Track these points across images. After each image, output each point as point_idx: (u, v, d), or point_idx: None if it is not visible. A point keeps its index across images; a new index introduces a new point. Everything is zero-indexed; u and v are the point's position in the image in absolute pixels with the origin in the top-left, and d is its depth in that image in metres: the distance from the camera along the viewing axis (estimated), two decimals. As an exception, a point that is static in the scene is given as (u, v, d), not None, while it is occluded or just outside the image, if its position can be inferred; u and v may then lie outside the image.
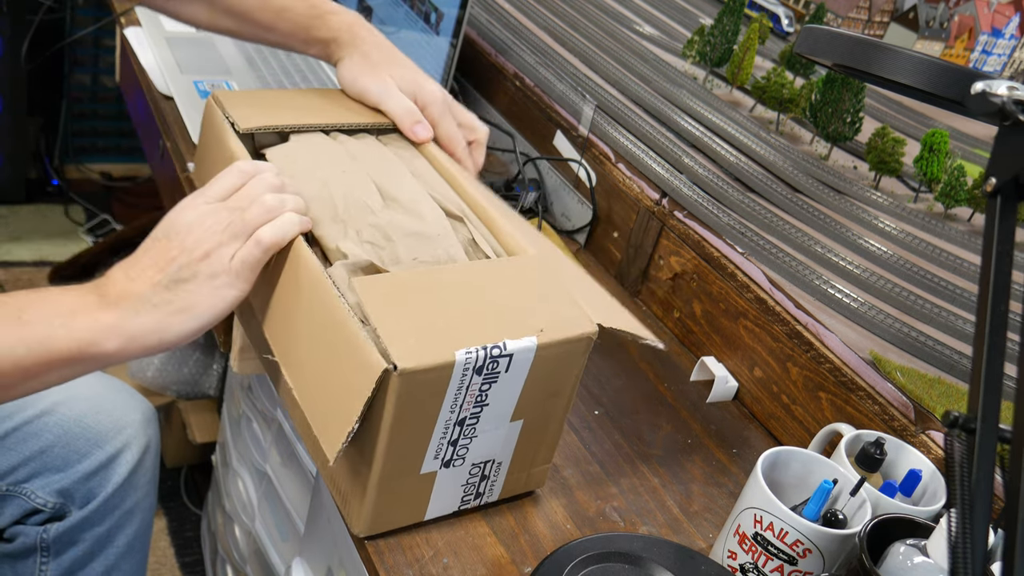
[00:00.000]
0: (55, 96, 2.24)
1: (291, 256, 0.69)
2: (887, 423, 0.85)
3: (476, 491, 0.74)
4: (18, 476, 0.92)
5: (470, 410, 0.66)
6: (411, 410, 0.63)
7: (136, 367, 1.66)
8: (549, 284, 0.72)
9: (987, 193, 0.45)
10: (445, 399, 0.64)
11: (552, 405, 0.72)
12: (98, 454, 0.94)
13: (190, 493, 1.73)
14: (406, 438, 0.65)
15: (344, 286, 0.66)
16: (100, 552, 0.97)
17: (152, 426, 1.00)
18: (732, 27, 1.19)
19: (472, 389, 0.64)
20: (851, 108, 1.02)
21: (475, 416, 0.67)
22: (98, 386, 0.99)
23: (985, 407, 0.42)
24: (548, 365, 0.68)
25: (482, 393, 0.65)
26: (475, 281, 0.71)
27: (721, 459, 0.91)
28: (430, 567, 0.70)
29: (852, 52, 0.54)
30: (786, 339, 0.94)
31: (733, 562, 0.74)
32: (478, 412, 0.67)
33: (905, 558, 0.64)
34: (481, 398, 0.66)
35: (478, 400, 0.66)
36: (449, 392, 0.63)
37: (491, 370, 0.64)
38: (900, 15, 0.98)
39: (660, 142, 1.17)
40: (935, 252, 0.96)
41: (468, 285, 0.70)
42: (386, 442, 0.64)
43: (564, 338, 0.68)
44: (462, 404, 0.65)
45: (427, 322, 0.64)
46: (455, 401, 0.64)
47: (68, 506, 0.94)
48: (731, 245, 1.02)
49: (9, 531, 0.95)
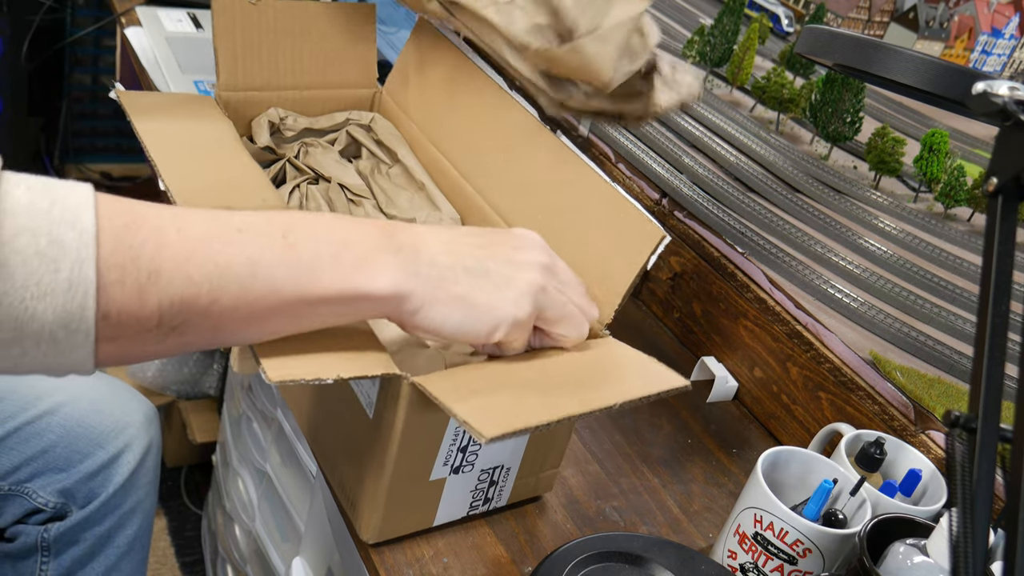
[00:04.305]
0: (55, 96, 2.24)
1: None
2: (887, 423, 0.85)
3: (485, 496, 0.74)
4: (20, 476, 0.92)
5: None
6: (422, 418, 0.63)
7: (136, 367, 1.66)
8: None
9: (988, 193, 0.46)
10: None
11: None
12: (100, 454, 0.94)
13: (190, 493, 1.73)
14: (416, 445, 0.65)
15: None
16: (100, 552, 0.97)
17: (154, 426, 1.00)
18: (732, 27, 1.19)
19: None
20: (851, 108, 1.02)
21: None
22: (100, 387, 0.99)
23: (986, 406, 0.42)
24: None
25: None
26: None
27: (721, 459, 0.91)
28: (430, 567, 0.70)
29: (853, 52, 0.54)
30: (786, 339, 0.94)
31: (733, 562, 0.74)
32: None
33: (905, 558, 0.64)
34: None
35: None
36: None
37: None
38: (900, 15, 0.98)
39: (660, 142, 1.17)
40: (935, 252, 0.96)
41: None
42: (396, 449, 0.63)
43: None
44: None
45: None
46: None
47: (69, 506, 0.94)
48: (731, 245, 1.02)
49: (10, 530, 0.95)
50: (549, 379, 0.63)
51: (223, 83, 0.88)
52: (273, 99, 0.93)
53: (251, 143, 0.91)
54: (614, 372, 0.65)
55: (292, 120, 0.93)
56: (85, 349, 0.49)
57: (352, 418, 0.69)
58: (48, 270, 0.47)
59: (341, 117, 0.97)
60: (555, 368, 0.64)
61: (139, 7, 1.36)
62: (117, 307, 0.49)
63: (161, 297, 0.50)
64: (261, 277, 0.53)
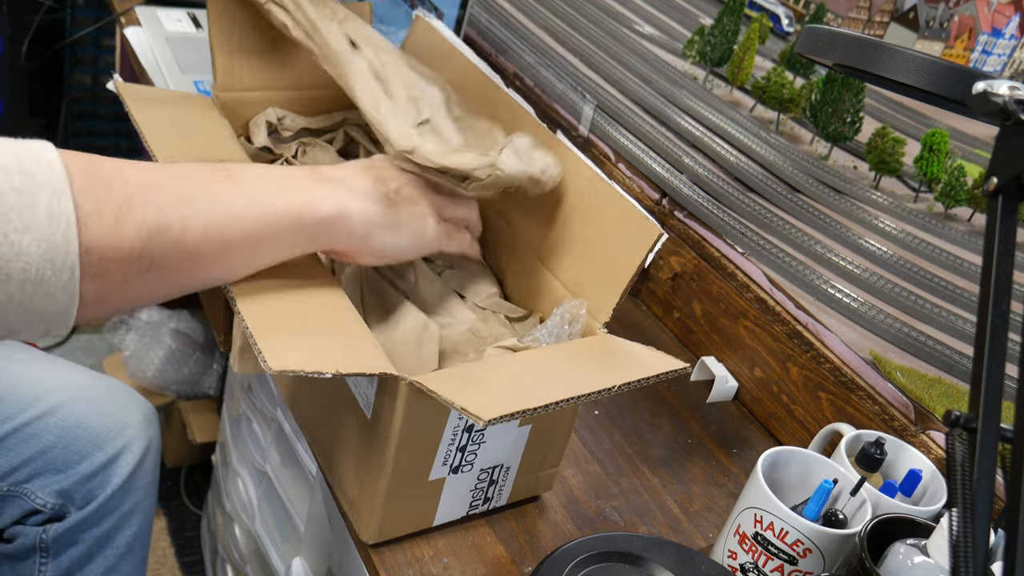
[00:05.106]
0: (55, 96, 2.24)
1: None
2: (887, 423, 0.85)
3: (484, 496, 0.74)
4: (19, 477, 0.92)
5: None
6: (420, 417, 0.63)
7: (136, 367, 1.66)
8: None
9: (988, 193, 0.45)
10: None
11: (561, 409, 0.72)
12: (99, 455, 0.94)
13: (190, 493, 1.73)
14: (415, 445, 0.65)
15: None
16: (99, 553, 0.96)
17: (153, 427, 1.00)
18: (732, 27, 1.19)
19: None
20: (851, 108, 1.02)
21: None
22: (99, 387, 0.99)
23: (986, 406, 0.41)
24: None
25: None
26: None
27: (721, 459, 0.91)
28: (430, 567, 0.70)
29: (853, 52, 0.54)
30: (786, 339, 0.94)
31: (733, 562, 0.73)
32: None
33: (905, 558, 0.64)
34: None
35: None
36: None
37: None
38: (900, 15, 0.98)
39: (660, 142, 1.17)
40: (935, 252, 0.96)
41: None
42: (395, 449, 0.63)
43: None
44: None
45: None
46: None
47: (68, 507, 0.94)
48: (731, 245, 1.02)
49: (9, 531, 0.95)
50: (546, 371, 0.64)
51: (220, 83, 0.88)
52: (270, 99, 0.93)
53: (248, 143, 0.91)
54: (611, 360, 0.66)
55: (290, 120, 0.93)
56: (70, 290, 0.50)
57: (350, 418, 0.69)
58: (27, 204, 0.48)
59: (339, 116, 0.97)
60: (552, 362, 0.65)
61: (139, 7, 1.36)
62: (98, 239, 0.51)
63: (139, 227, 0.53)
64: (223, 205, 0.58)
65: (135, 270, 0.53)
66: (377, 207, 0.66)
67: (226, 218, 0.58)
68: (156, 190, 0.55)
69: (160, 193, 0.55)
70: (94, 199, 0.51)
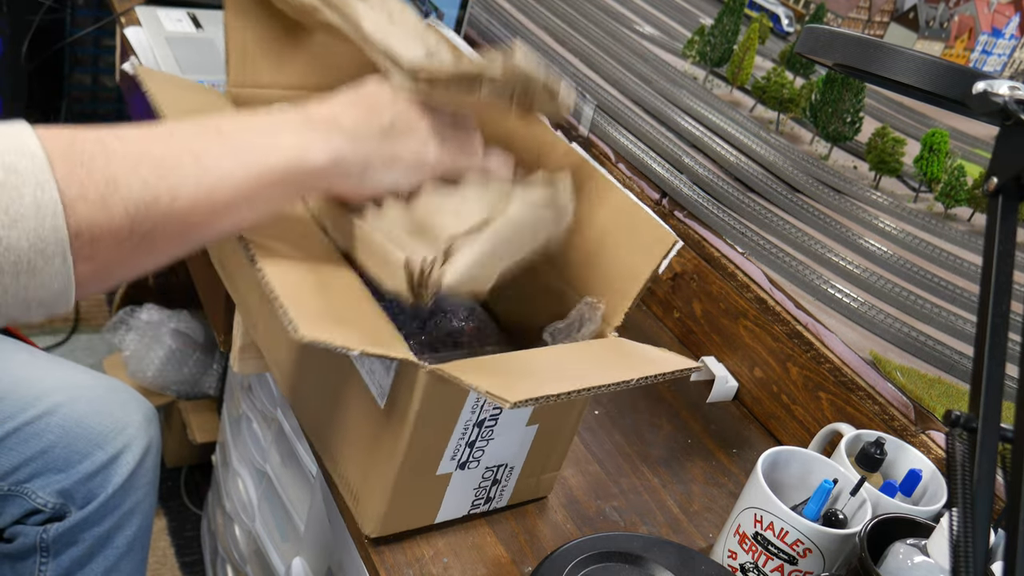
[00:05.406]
0: (55, 96, 2.24)
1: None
2: (887, 423, 0.85)
3: (487, 495, 0.74)
4: (19, 476, 0.92)
5: (490, 411, 0.67)
6: (435, 406, 0.63)
7: (136, 367, 1.66)
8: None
9: (988, 193, 0.45)
10: (468, 398, 0.64)
11: (567, 410, 0.73)
12: (99, 455, 0.94)
13: (190, 493, 1.73)
14: (427, 436, 0.65)
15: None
16: (99, 552, 0.96)
17: (153, 427, 1.00)
18: (732, 27, 1.19)
19: None
20: (851, 108, 1.02)
21: (494, 418, 0.68)
22: (99, 387, 0.99)
23: (986, 406, 0.41)
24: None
25: None
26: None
27: (721, 459, 0.91)
28: (430, 567, 0.70)
29: (853, 52, 0.54)
30: (786, 339, 0.94)
31: (733, 562, 0.74)
32: (497, 414, 0.67)
33: (905, 558, 0.64)
34: None
35: None
36: (472, 392, 0.64)
37: None
38: (900, 15, 0.98)
39: (660, 142, 1.17)
40: (935, 252, 0.96)
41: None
42: (408, 439, 0.64)
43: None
44: (483, 404, 0.66)
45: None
46: (477, 401, 0.65)
47: (68, 506, 0.94)
48: (731, 245, 1.02)
49: (9, 531, 0.95)
50: (565, 364, 0.65)
51: (233, 79, 0.88)
52: (282, 97, 0.93)
53: None
54: (626, 358, 0.67)
55: None
56: (64, 275, 0.50)
57: (358, 408, 0.69)
58: (12, 198, 0.48)
59: None
60: (568, 357, 0.66)
61: (139, 7, 1.36)
62: (87, 222, 0.50)
63: (126, 204, 0.52)
64: (210, 168, 0.56)
65: (128, 246, 0.53)
66: (371, 144, 0.64)
67: (215, 180, 0.56)
68: (141, 162, 0.54)
69: (145, 164, 0.54)
70: (78, 184, 0.50)
